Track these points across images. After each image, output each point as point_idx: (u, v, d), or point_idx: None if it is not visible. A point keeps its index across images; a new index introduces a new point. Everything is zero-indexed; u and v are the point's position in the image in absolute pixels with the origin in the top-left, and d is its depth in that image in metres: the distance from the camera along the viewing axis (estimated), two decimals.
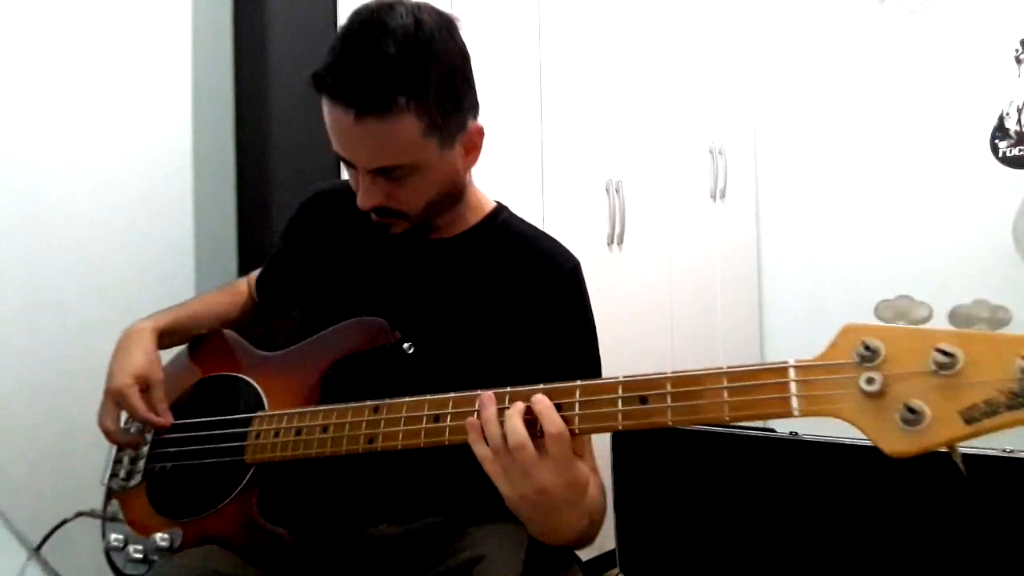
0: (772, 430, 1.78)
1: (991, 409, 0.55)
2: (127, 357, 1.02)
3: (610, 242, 2.22)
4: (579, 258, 1.04)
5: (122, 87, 1.67)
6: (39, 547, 1.06)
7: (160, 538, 0.95)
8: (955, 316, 0.58)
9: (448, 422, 0.80)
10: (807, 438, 1.70)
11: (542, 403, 0.72)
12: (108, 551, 1.00)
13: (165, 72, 1.75)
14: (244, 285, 1.23)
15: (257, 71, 1.85)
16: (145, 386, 1.01)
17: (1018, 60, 2.33)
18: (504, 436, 0.72)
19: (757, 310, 2.82)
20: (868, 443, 1.75)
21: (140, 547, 0.97)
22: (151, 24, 1.72)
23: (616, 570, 1.96)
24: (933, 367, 0.57)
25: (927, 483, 1.54)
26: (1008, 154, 2.34)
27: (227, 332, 1.14)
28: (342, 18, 1.64)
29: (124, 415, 1.04)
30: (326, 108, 0.87)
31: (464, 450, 0.92)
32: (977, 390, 0.55)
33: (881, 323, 0.61)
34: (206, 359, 1.11)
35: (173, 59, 1.76)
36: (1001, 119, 2.35)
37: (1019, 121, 2.33)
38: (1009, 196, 2.27)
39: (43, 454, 1.50)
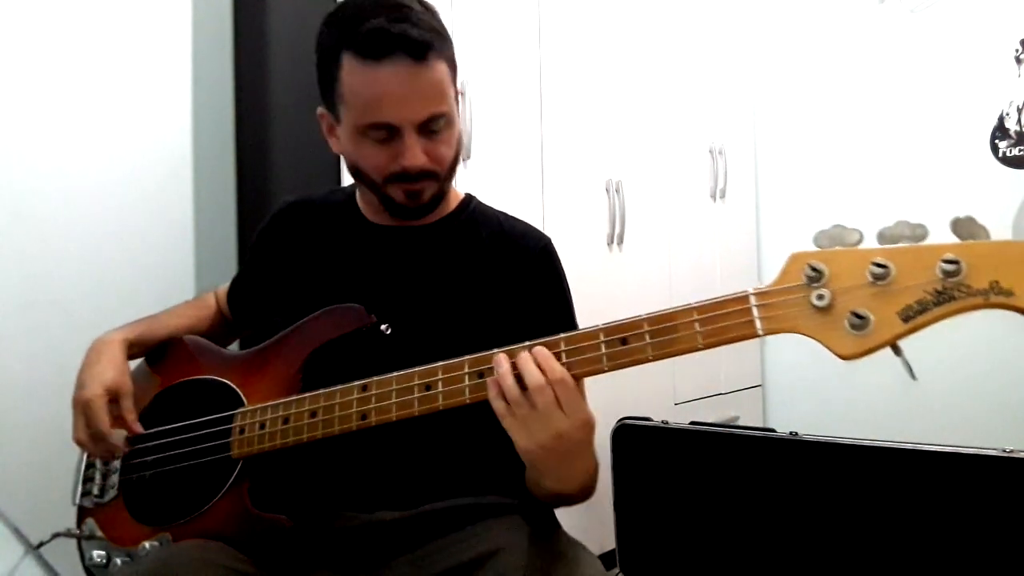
0: (772, 430, 1.78)
1: (922, 307, 0.64)
2: (96, 368, 1.01)
3: (610, 242, 2.22)
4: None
5: (122, 87, 1.67)
6: (37, 546, 1.05)
7: (149, 545, 0.93)
8: (882, 236, 0.67)
9: (440, 388, 0.83)
10: (807, 438, 1.70)
11: (541, 353, 0.77)
12: (90, 568, 0.98)
13: (165, 72, 1.75)
14: (212, 298, 1.22)
15: (257, 71, 1.85)
16: (115, 397, 1.00)
17: (1018, 60, 2.33)
18: (521, 386, 0.76)
19: None
20: (868, 443, 1.75)
21: (127, 559, 0.95)
22: (151, 24, 1.72)
23: (616, 570, 1.96)
24: (871, 279, 0.66)
25: (927, 483, 1.55)
26: (1008, 154, 2.34)
27: (188, 337, 1.11)
28: None
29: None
30: (374, 75, 0.90)
31: (460, 435, 0.93)
32: (909, 293, 0.65)
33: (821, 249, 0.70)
34: (168, 367, 1.08)
35: (173, 59, 1.76)
36: (1001, 119, 2.35)
37: (1019, 121, 2.33)
38: (1009, 196, 2.27)
39: (43, 454, 1.50)
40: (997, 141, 2.36)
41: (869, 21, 2.61)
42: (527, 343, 0.80)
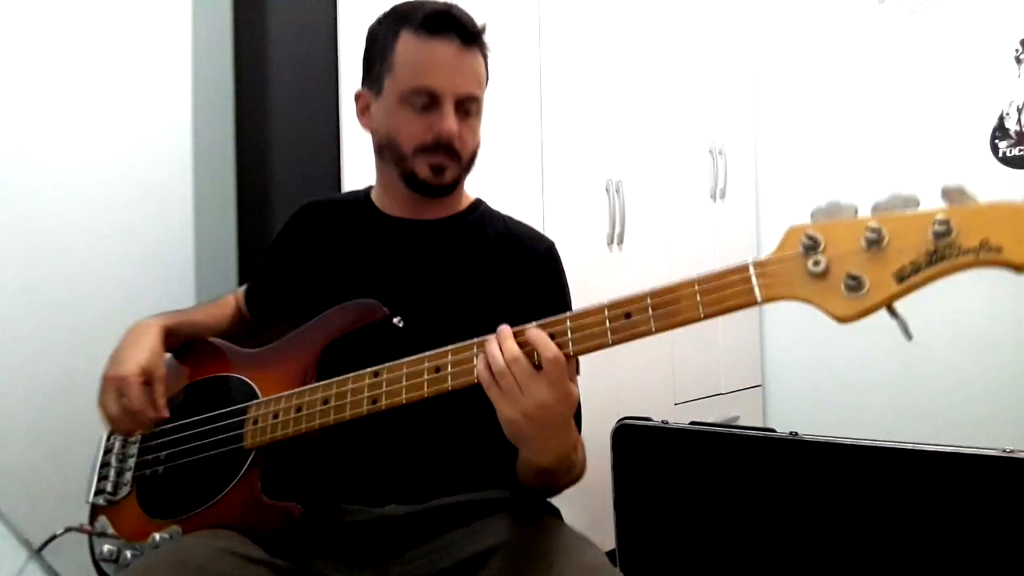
0: (772, 430, 1.78)
1: (915, 268, 0.66)
2: (134, 348, 1.03)
3: (610, 242, 2.22)
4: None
5: (122, 87, 1.67)
6: (40, 549, 1.05)
7: (160, 537, 0.94)
8: (876, 208, 0.70)
9: (449, 370, 0.85)
10: (807, 438, 1.71)
11: (533, 333, 0.81)
12: (99, 562, 0.99)
13: (165, 72, 1.75)
14: (232, 299, 1.26)
15: (257, 71, 1.85)
16: (148, 380, 1.02)
17: (1018, 60, 2.33)
18: (503, 357, 0.80)
19: (757, 309, 2.82)
20: (868, 443, 1.74)
21: (137, 552, 0.96)
22: (151, 24, 1.72)
23: (616, 570, 1.96)
24: (865, 244, 0.68)
25: (927, 483, 1.55)
26: (1008, 154, 2.34)
27: (211, 338, 1.14)
28: (342, 18, 1.65)
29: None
30: (428, 45, 1.00)
31: (468, 429, 0.96)
32: (902, 255, 0.67)
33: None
34: (192, 364, 1.11)
35: (173, 59, 1.76)
36: (1001, 119, 2.35)
37: (1019, 121, 2.33)
38: (1009, 196, 2.27)
39: (43, 454, 1.50)
40: (997, 141, 2.36)
41: (869, 21, 2.61)
42: (533, 323, 0.83)
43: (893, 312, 0.68)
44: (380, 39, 1.05)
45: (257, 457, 0.95)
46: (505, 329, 0.82)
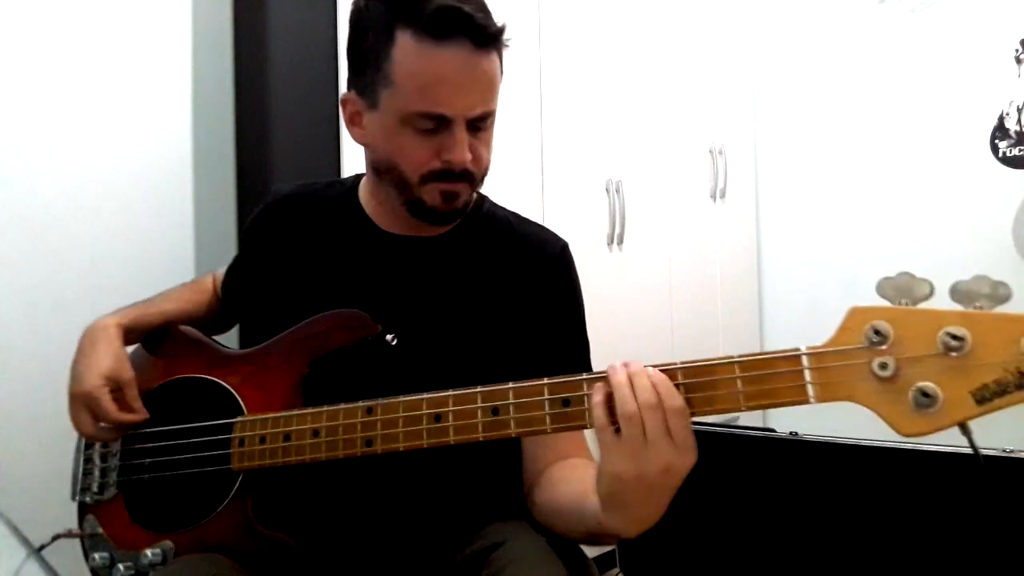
0: (772, 430, 1.78)
1: (1001, 388, 0.56)
2: (93, 356, 0.96)
3: (610, 242, 2.22)
4: (579, 258, 1.04)
5: (122, 87, 1.67)
6: (39, 549, 1.04)
7: (152, 553, 0.91)
8: (957, 292, 0.58)
9: (451, 421, 0.78)
10: (807, 438, 1.70)
11: (657, 377, 0.69)
12: (94, 571, 0.96)
13: (165, 72, 1.75)
14: (210, 282, 1.17)
15: (257, 71, 1.85)
16: (116, 387, 0.95)
17: (1018, 60, 2.33)
18: (636, 400, 0.67)
19: (757, 310, 2.82)
20: (868, 443, 1.74)
21: (130, 564, 0.93)
22: (151, 24, 1.72)
23: (616, 570, 1.96)
24: (942, 349, 0.57)
25: (928, 483, 1.54)
26: (1008, 154, 2.34)
27: (186, 329, 1.06)
28: (342, 18, 1.65)
29: None
30: (436, 57, 0.84)
31: (463, 455, 0.89)
32: (986, 371, 0.56)
33: (886, 302, 0.61)
34: (168, 359, 1.03)
35: (173, 59, 1.76)
36: (1001, 119, 2.35)
37: (1019, 121, 2.33)
38: (1009, 196, 2.27)
39: (45, 455, 1.50)
40: (997, 141, 2.36)
41: (869, 21, 2.61)
42: (578, 376, 0.73)
43: (966, 430, 0.59)
44: (371, 33, 0.87)
45: (246, 481, 0.90)
46: (636, 365, 0.69)
